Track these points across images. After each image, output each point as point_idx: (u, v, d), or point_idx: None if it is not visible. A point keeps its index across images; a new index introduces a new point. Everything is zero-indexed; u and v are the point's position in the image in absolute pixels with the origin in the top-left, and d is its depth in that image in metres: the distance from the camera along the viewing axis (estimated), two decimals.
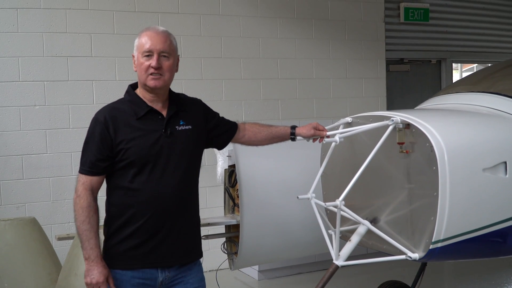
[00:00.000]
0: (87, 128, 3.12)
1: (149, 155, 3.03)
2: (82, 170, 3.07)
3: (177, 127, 3.14)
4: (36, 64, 6.12)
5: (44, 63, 6.14)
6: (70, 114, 6.24)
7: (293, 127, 3.48)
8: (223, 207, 5.06)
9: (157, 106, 3.14)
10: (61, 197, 6.22)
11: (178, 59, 3.21)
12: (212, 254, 5.47)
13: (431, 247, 3.37)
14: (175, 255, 3.14)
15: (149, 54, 3.05)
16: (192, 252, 3.24)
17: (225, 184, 4.98)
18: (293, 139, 3.49)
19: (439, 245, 3.37)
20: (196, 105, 3.33)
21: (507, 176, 3.56)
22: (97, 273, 3.01)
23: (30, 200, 6.12)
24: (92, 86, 6.34)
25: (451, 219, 3.34)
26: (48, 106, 6.16)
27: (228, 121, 3.46)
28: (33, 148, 6.13)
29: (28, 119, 6.10)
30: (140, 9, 6.52)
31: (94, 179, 3.06)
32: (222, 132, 3.39)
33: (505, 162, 3.57)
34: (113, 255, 3.08)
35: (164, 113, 3.14)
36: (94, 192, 3.07)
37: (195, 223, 3.27)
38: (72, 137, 6.21)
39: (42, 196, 6.17)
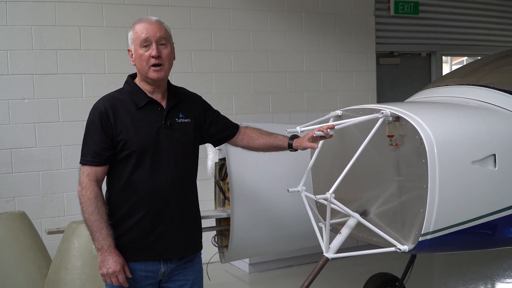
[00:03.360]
0: (80, 121, 3.12)
1: (149, 146, 3.03)
2: (85, 161, 3.04)
3: (176, 119, 3.14)
4: (25, 57, 6.09)
5: (33, 56, 6.11)
6: (59, 108, 6.20)
7: (292, 138, 3.38)
8: (214, 201, 5.06)
9: (157, 97, 3.14)
10: (51, 191, 6.20)
11: (173, 48, 3.19)
12: (203, 247, 5.46)
13: (420, 239, 3.38)
14: (177, 247, 3.15)
15: (147, 44, 3.03)
16: (193, 244, 3.26)
17: (215, 178, 4.98)
18: (292, 150, 3.40)
19: (429, 237, 3.38)
20: (196, 100, 3.33)
21: (496, 168, 3.58)
22: (112, 262, 2.98)
23: (19, 194, 6.10)
24: (81, 79, 6.31)
25: (441, 211, 3.35)
26: (37, 100, 6.13)
27: (229, 121, 3.45)
28: (22, 141, 6.10)
29: (17, 113, 6.07)
30: (129, 1, 6.49)
31: (99, 169, 3.04)
32: (220, 130, 3.38)
33: (494, 155, 3.58)
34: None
35: (164, 104, 3.14)
36: (99, 183, 3.05)
37: (196, 215, 3.28)
38: (61, 130, 6.18)
39: (31, 190, 6.14)
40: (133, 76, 3.20)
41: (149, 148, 3.03)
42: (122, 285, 3.03)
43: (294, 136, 3.40)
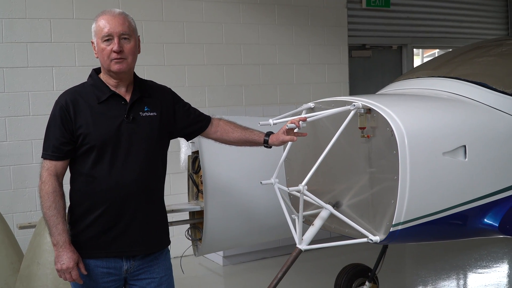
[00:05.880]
0: (49, 114, 3.08)
1: (110, 141, 2.99)
2: (46, 155, 3.02)
3: (140, 113, 3.09)
4: None
5: (3, 49, 6.03)
6: (30, 101, 6.14)
7: (268, 134, 3.35)
8: (187, 194, 5.05)
9: (121, 91, 3.09)
10: (22, 186, 6.14)
11: (139, 40, 3.15)
12: (176, 240, 5.45)
13: (391, 229, 3.42)
14: (139, 245, 3.11)
15: (109, 38, 2.99)
16: (157, 241, 3.21)
17: (188, 171, 4.97)
18: (267, 147, 3.39)
19: (400, 227, 3.42)
20: (164, 92, 3.27)
21: (466, 159, 3.62)
22: (66, 258, 2.96)
23: None
24: (52, 72, 6.24)
25: (411, 202, 3.39)
26: (7, 93, 6.06)
27: (201, 113, 3.39)
28: None
29: None
30: None
31: (58, 164, 3.01)
32: (191, 123, 3.32)
33: (465, 146, 3.63)
34: (76, 244, 3.04)
35: (128, 98, 3.08)
36: (59, 178, 3.02)
37: (160, 212, 3.23)
38: (32, 124, 6.12)
39: (3, 185, 6.07)
40: (97, 70, 3.16)
41: (109, 143, 2.99)
42: (76, 281, 3.02)
43: (270, 133, 3.36)
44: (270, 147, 3.38)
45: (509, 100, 3.97)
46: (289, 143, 3.80)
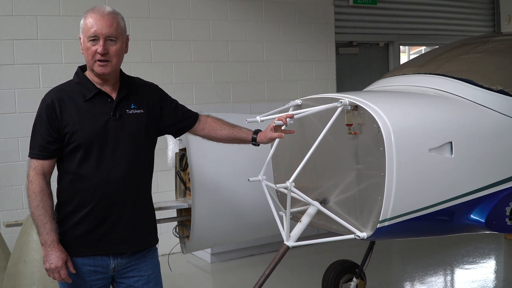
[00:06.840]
0: (35, 111, 3.06)
1: (96, 138, 2.97)
2: (32, 155, 3.00)
3: (127, 110, 3.07)
4: None
5: None
6: (16, 99, 6.10)
7: (256, 132, 3.35)
8: (175, 191, 5.04)
9: (107, 88, 3.06)
10: (8, 184, 6.10)
11: (127, 39, 3.12)
12: (164, 238, 5.43)
13: (378, 225, 3.44)
14: (127, 242, 3.10)
15: (94, 38, 2.96)
16: (145, 239, 3.19)
17: (176, 168, 4.96)
18: (255, 145, 3.38)
19: (386, 223, 3.44)
20: (151, 89, 3.25)
21: (452, 156, 3.65)
22: (55, 257, 2.95)
23: None
24: (38, 70, 6.21)
25: (398, 199, 3.41)
26: None
27: (188, 110, 3.37)
28: None
29: None
30: None
31: (45, 163, 2.99)
32: (179, 120, 3.30)
33: (451, 142, 3.65)
34: (63, 242, 3.02)
35: (114, 95, 3.06)
36: (46, 177, 3.00)
37: (148, 210, 3.22)
38: (18, 122, 6.08)
39: None
40: (83, 68, 3.13)
41: (96, 141, 2.98)
42: (65, 280, 3.01)
43: (258, 131, 3.36)
44: (258, 144, 3.37)
45: (495, 96, 4.00)
46: (277, 140, 3.81)
